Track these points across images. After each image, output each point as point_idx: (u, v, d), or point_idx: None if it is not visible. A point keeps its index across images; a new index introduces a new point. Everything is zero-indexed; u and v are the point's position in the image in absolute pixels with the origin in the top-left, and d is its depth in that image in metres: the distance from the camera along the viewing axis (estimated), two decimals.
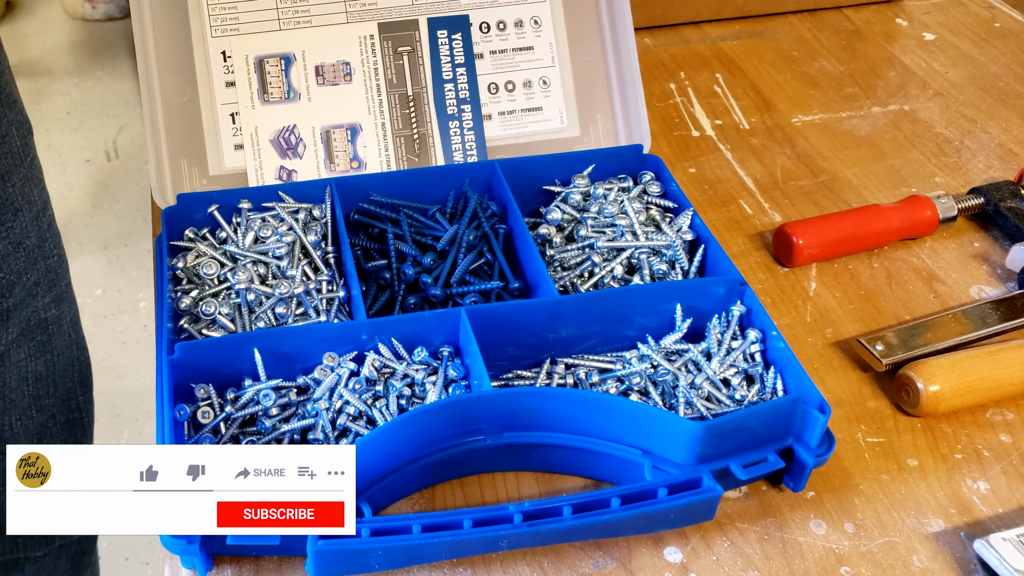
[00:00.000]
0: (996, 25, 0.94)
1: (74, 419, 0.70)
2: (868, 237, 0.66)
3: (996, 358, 0.55)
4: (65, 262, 0.67)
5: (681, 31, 0.92)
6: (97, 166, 2.26)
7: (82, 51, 2.69)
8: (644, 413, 0.48)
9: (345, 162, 0.65)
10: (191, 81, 0.63)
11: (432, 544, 0.45)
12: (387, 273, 0.58)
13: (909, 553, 0.48)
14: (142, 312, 1.90)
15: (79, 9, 2.80)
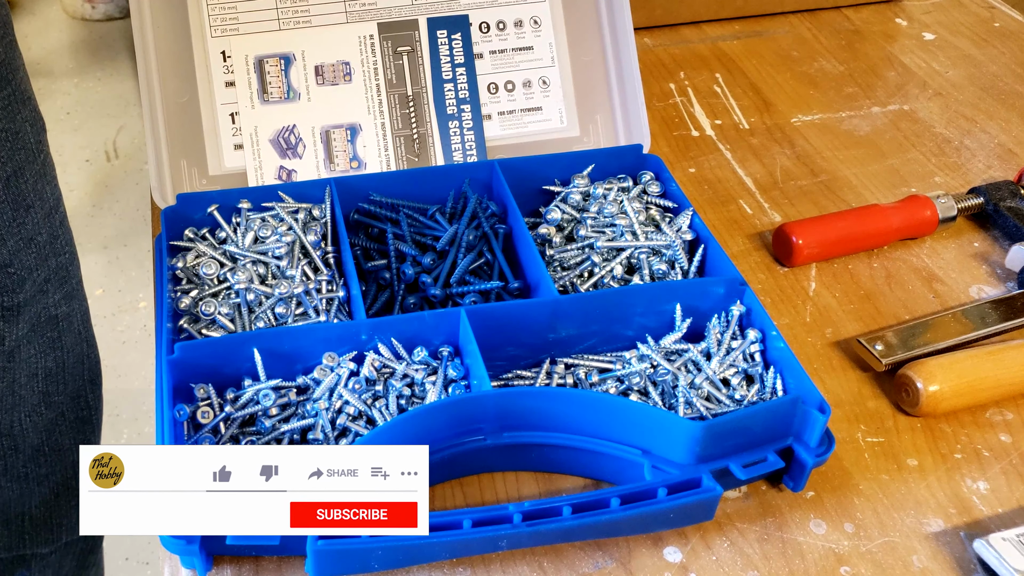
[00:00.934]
0: (996, 25, 0.94)
1: (83, 416, 0.70)
2: (868, 237, 0.66)
3: (996, 358, 0.55)
4: (76, 260, 0.67)
5: (681, 31, 0.92)
6: (97, 166, 2.26)
7: (82, 51, 2.69)
8: (644, 413, 0.48)
9: (345, 162, 0.65)
10: (191, 81, 0.63)
11: (432, 544, 0.45)
12: (387, 273, 0.58)
13: (909, 553, 0.48)
14: (142, 312, 1.90)
15: (79, 9, 2.80)
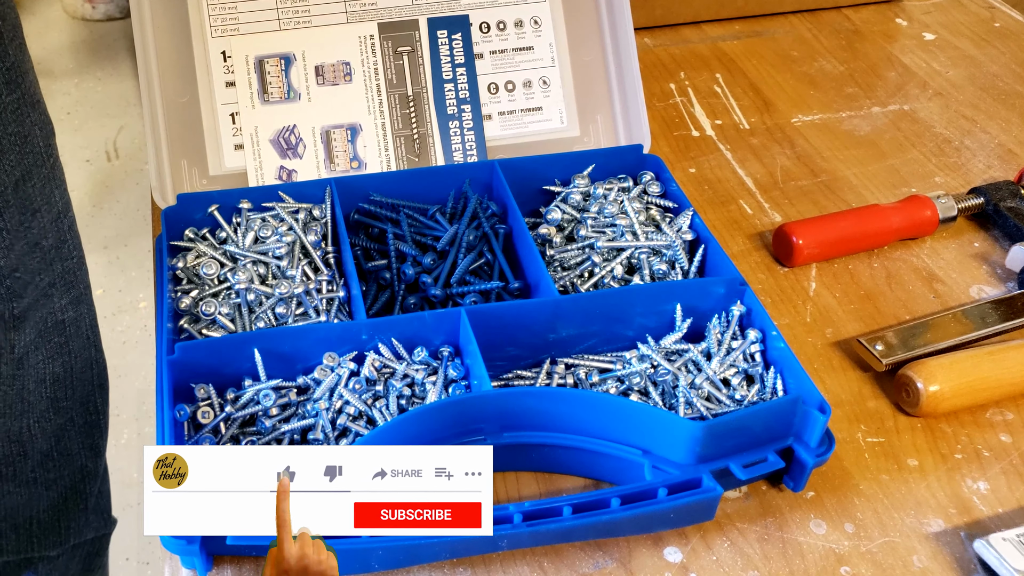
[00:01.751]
0: (996, 25, 0.94)
1: (91, 421, 0.70)
2: (868, 237, 0.66)
3: (996, 358, 0.55)
4: (84, 266, 0.67)
5: (681, 31, 0.92)
6: (97, 166, 2.26)
7: (82, 51, 2.69)
8: (644, 413, 0.48)
9: (345, 162, 0.65)
10: (191, 81, 0.63)
11: (432, 544, 0.45)
12: (387, 273, 0.58)
13: (909, 553, 0.48)
14: (142, 312, 1.90)
15: (79, 9, 2.80)
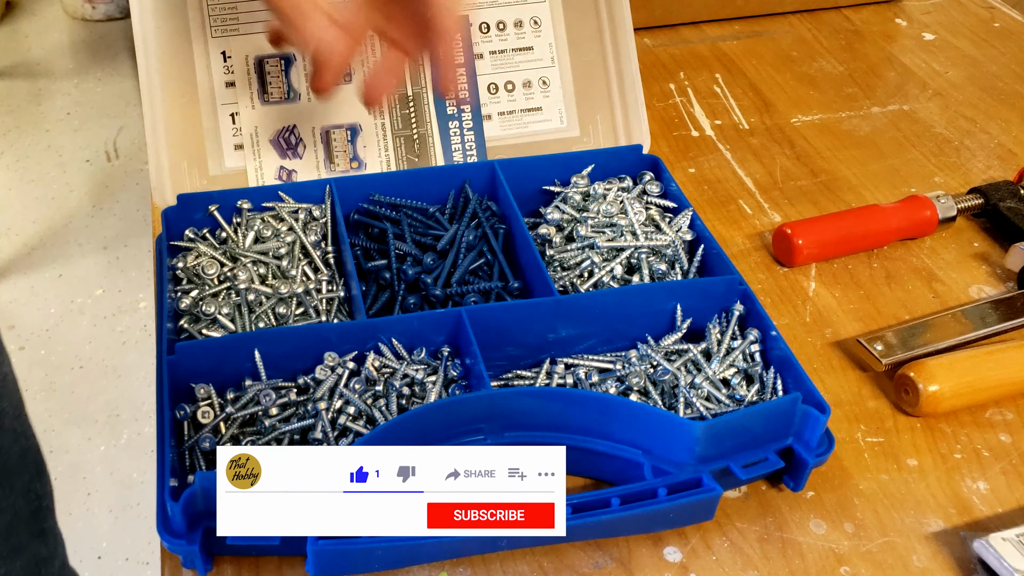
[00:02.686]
0: (996, 25, 0.94)
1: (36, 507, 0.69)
2: (868, 237, 0.66)
3: (996, 358, 0.55)
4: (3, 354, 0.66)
5: (681, 31, 0.92)
6: (97, 166, 2.26)
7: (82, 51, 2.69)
8: (644, 413, 0.48)
9: (345, 162, 0.65)
10: (191, 81, 0.63)
11: (432, 544, 0.45)
12: (387, 273, 0.58)
13: (909, 553, 0.48)
14: (142, 312, 1.90)
15: (79, 9, 2.80)
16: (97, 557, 1.48)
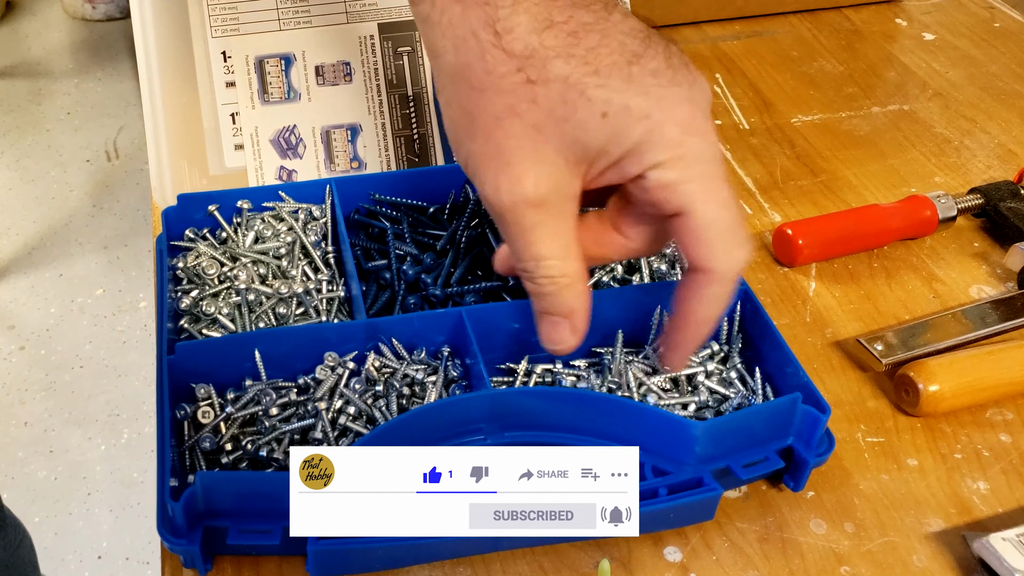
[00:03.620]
0: (996, 25, 0.94)
1: None
2: (868, 237, 0.66)
3: (996, 358, 0.55)
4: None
5: (681, 31, 0.92)
6: (97, 166, 2.26)
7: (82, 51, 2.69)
8: (644, 413, 0.48)
9: (345, 162, 0.65)
10: (191, 81, 0.63)
11: (432, 544, 0.45)
12: (387, 273, 0.58)
13: (909, 553, 0.48)
14: (142, 312, 1.90)
15: (79, 9, 2.80)
16: (97, 557, 1.48)
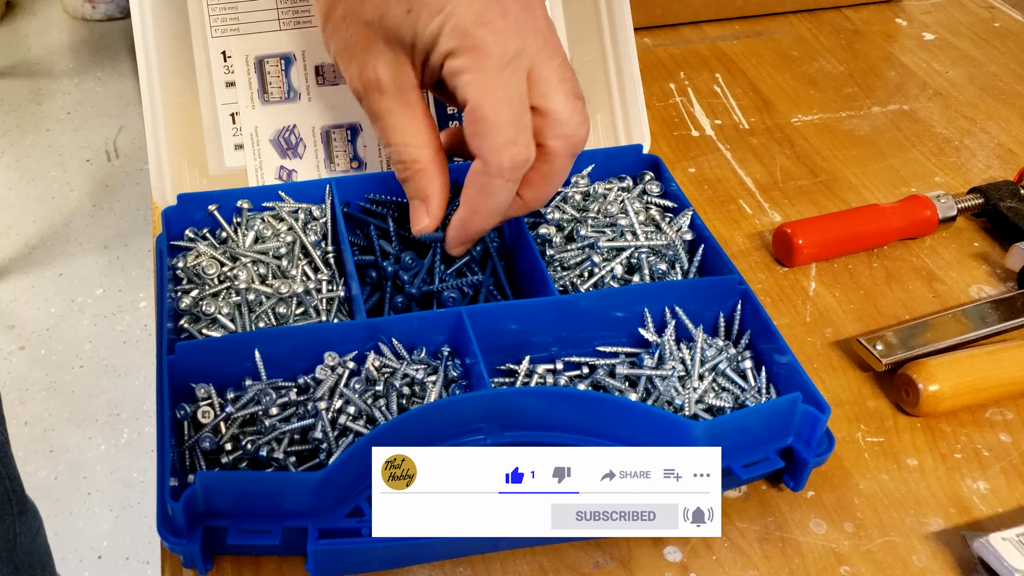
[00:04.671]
0: (996, 25, 0.94)
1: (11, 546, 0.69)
2: (868, 237, 0.66)
3: (996, 358, 0.56)
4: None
5: (681, 31, 0.92)
6: (97, 166, 2.26)
7: (82, 51, 2.69)
8: (644, 413, 0.48)
9: (345, 162, 0.65)
10: (191, 81, 0.63)
11: (432, 544, 0.45)
12: (373, 272, 0.58)
13: (909, 553, 0.48)
14: (142, 312, 1.90)
15: (79, 9, 2.80)
16: (97, 557, 1.48)
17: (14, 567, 0.70)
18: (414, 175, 0.52)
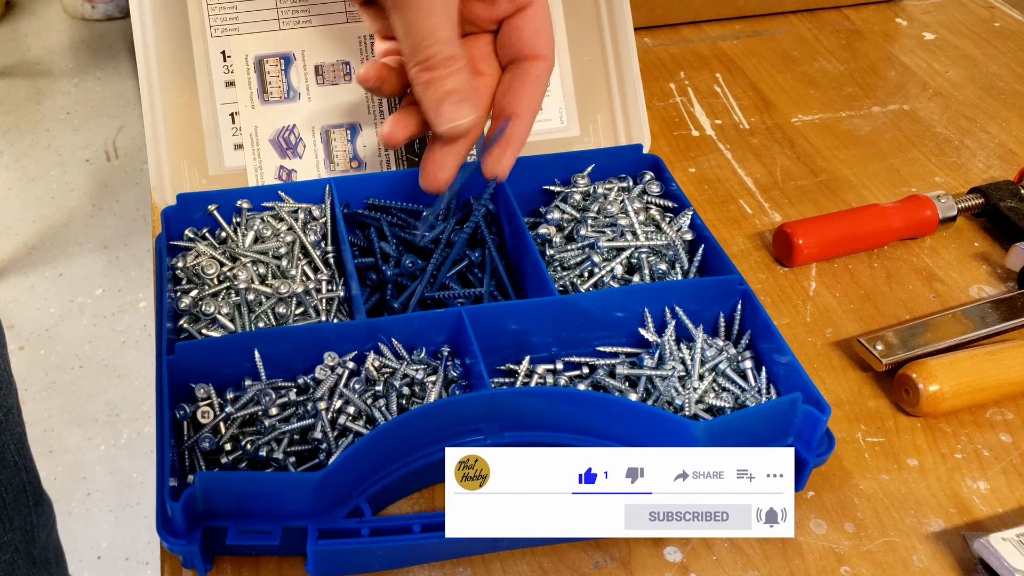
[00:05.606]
0: (996, 25, 0.94)
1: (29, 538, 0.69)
2: (868, 237, 0.66)
3: (996, 358, 0.55)
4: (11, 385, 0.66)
5: (681, 31, 0.92)
6: (97, 166, 2.26)
7: (82, 51, 2.69)
8: (644, 413, 0.48)
9: (345, 162, 0.65)
10: (191, 81, 0.63)
11: (432, 544, 0.45)
12: (373, 274, 0.58)
13: (909, 553, 0.48)
14: (142, 312, 1.90)
15: (79, 9, 2.80)
16: (97, 557, 1.48)
17: (31, 560, 0.70)
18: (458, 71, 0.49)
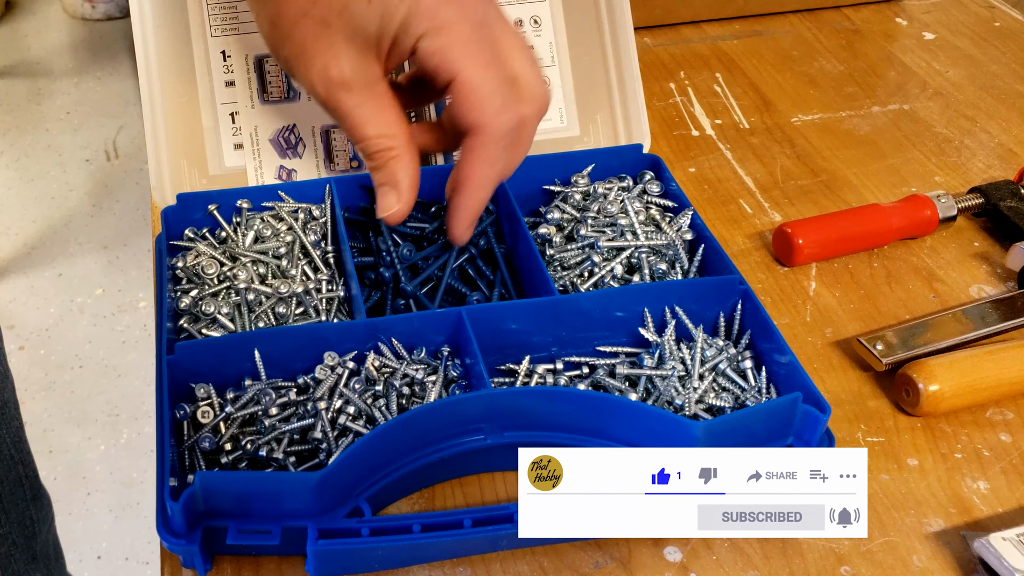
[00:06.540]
0: (996, 25, 0.94)
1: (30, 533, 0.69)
2: (868, 237, 0.66)
3: (996, 358, 0.55)
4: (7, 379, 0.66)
5: (681, 31, 0.92)
6: (97, 166, 2.26)
7: (82, 51, 2.69)
8: (644, 413, 0.48)
9: (345, 162, 0.65)
10: (191, 81, 0.63)
11: (432, 544, 0.45)
12: (372, 274, 0.58)
13: (909, 553, 0.48)
14: (142, 312, 1.90)
15: (79, 9, 2.80)
16: (97, 557, 1.48)
17: (31, 554, 0.70)
18: (387, 162, 0.52)
